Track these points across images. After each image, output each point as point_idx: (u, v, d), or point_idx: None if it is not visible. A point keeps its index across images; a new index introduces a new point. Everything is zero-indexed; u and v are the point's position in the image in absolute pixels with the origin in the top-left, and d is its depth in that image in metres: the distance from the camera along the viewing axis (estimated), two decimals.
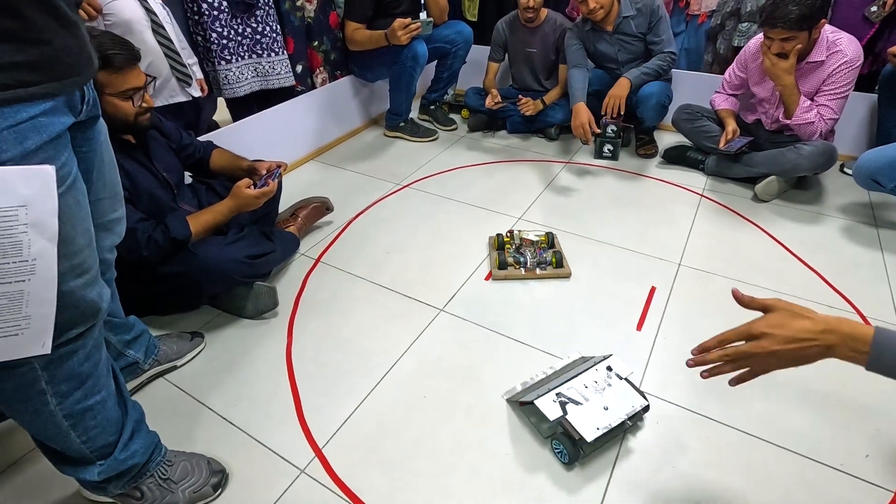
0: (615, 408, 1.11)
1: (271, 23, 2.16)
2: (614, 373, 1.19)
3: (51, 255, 0.67)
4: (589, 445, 1.06)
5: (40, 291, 0.68)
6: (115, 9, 1.61)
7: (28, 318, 0.68)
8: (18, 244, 0.63)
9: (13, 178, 0.61)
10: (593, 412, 1.10)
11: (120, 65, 1.20)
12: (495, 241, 1.76)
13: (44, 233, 0.65)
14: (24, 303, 0.67)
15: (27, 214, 0.63)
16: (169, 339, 1.37)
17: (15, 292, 0.65)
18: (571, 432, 1.06)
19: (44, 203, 0.65)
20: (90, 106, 0.79)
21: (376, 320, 1.50)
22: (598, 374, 1.19)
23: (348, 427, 1.19)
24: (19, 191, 0.62)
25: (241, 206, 1.46)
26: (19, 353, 0.71)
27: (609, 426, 1.07)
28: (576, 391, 1.14)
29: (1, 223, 0.61)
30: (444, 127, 2.76)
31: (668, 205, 2.05)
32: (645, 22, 2.22)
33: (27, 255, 0.64)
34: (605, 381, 1.17)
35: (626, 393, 1.15)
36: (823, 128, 1.87)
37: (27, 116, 0.64)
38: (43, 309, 0.69)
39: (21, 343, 0.70)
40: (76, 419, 0.85)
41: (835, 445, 1.13)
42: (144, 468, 0.98)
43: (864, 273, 1.65)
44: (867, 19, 2.16)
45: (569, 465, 1.10)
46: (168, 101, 1.82)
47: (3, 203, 0.61)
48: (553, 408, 1.10)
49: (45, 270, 0.67)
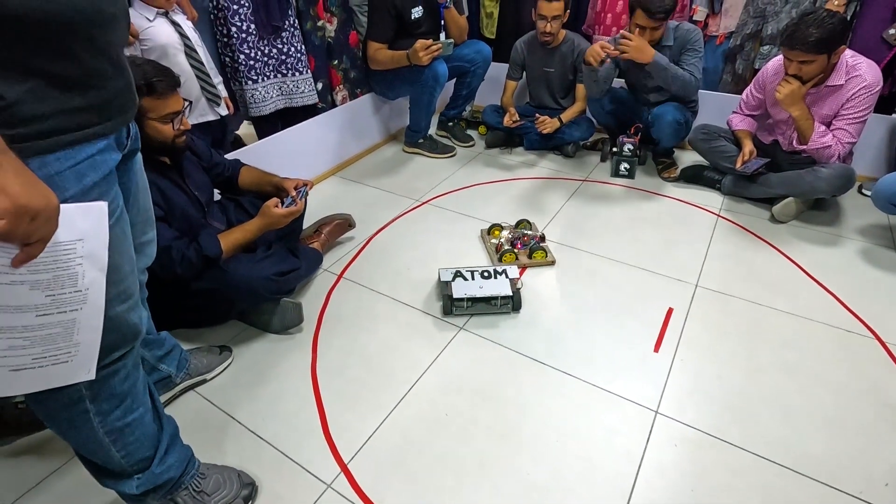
0: (487, 289, 1.59)
1: (296, 43, 2.23)
2: (504, 274, 1.64)
3: (101, 285, 0.71)
4: (454, 302, 1.57)
5: (90, 319, 0.72)
6: (151, 34, 1.68)
7: (77, 345, 0.72)
8: (75, 275, 0.67)
9: (74, 214, 0.66)
10: (470, 287, 1.60)
11: (162, 91, 1.26)
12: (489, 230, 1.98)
13: (96, 263, 0.69)
14: (75, 330, 0.71)
15: (83, 247, 0.67)
16: (199, 353, 1.42)
17: (69, 321, 0.69)
18: (447, 291, 1.59)
19: (98, 236, 0.69)
20: (133, 140, 0.84)
21: (398, 337, 1.54)
22: (497, 274, 1.65)
23: (373, 443, 1.23)
24: (78, 225, 0.66)
25: (270, 224, 1.51)
26: (67, 379, 0.75)
27: (473, 295, 1.57)
28: (470, 275, 1.65)
29: (62, 256, 0.65)
30: (462, 143, 2.81)
31: (685, 225, 2.07)
32: (678, 51, 2.23)
33: (81, 285, 0.68)
34: (495, 276, 1.64)
35: (502, 284, 1.61)
36: (841, 151, 1.89)
37: (85, 156, 0.69)
38: (91, 336, 0.73)
39: (70, 370, 0.74)
40: (116, 435, 0.89)
41: (854, 473, 1.14)
42: (180, 481, 1.02)
43: (883, 297, 1.66)
44: (886, 42, 2.17)
45: (444, 315, 1.59)
46: (198, 119, 1.89)
47: (64, 237, 0.65)
48: (447, 277, 1.64)
49: (95, 299, 0.71)
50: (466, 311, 1.61)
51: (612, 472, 1.15)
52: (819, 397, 1.32)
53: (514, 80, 2.70)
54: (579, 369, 1.41)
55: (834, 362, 1.42)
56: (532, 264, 1.83)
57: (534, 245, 1.85)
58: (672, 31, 2.21)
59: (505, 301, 1.60)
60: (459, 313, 1.61)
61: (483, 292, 1.58)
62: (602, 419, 1.27)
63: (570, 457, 1.18)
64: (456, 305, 1.59)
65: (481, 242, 1.96)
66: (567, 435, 1.23)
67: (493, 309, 1.61)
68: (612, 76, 2.37)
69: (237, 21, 2.03)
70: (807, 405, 1.30)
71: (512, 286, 1.61)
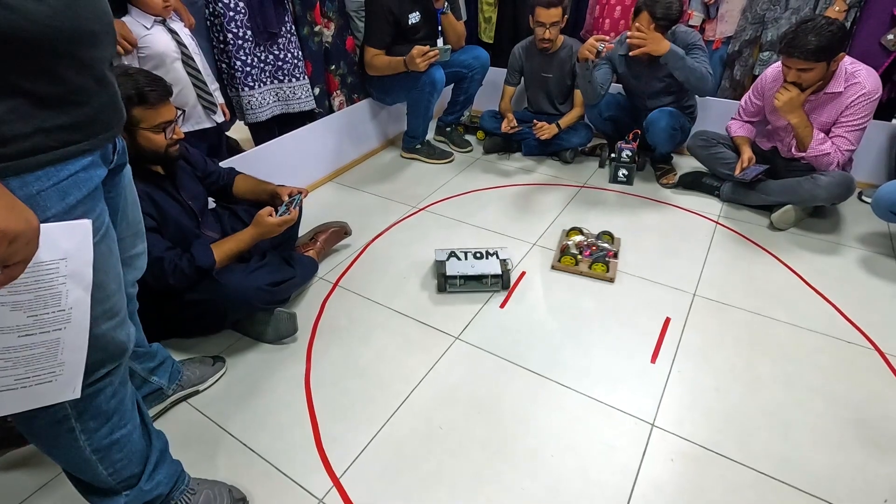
0: (478, 268, 1.70)
1: (293, 49, 2.22)
2: (496, 255, 1.75)
3: (85, 303, 0.70)
4: (448, 279, 1.69)
5: (74, 339, 0.71)
6: (149, 42, 1.67)
7: (62, 364, 0.71)
8: (58, 295, 0.66)
9: (56, 233, 0.65)
10: (463, 266, 1.71)
11: (154, 101, 1.25)
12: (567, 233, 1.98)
13: (80, 282, 0.68)
14: (59, 350, 0.70)
15: (66, 266, 0.66)
16: (192, 364, 1.40)
17: (52, 340, 0.68)
18: (441, 269, 1.71)
19: (82, 255, 0.68)
20: (120, 154, 0.83)
21: (393, 347, 1.52)
22: (488, 255, 1.76)
23: (366, 456, 1.21)
24: (61, 245, 0.65)
25: (264, 233, 1.49)
26: (52, 399, 0.74)
27: (465, 273, 1.68)
28: (464, 255, 1.76)
29: (44, 276, 0.64)
30: (460, 149, 2.80)
31: (683, 232, 2.05)
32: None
33: (64, 304, 0.67)
34: (486, 257, 1.75)
35: (492, 264, 1.72)
36: (840, 158, 1.87)
37: (68, 174, 0.68)
38: (76, 355, 0.72)
39: (55, 389, 0.72)
40: (103, 453, 0.88)
41: (853, 489, 1.12)
42: (169, 497, 1.00)
43: (883, 306, 1.64)
44: (884, 48, 2.16)
45: (438, 292, 1.72)
46: (194, 127, 1.88)
47: (46, 257, 0.64)
48: (442, 257, 1.75)
49: (79, 318, 0.70)
50: (459, 288, 1.71)
51: (609, 487, 1.14)
52: (818, 410, 1.31)
53: (512, 85, 2.69)
54: (575, 381, 1.40)
55: (833, 374, 1.40)
56: (589, 274, 1.79)
57: (599, 256, 1.81)
58: (670, 34, 2.19)
59: (495, 280, 1.70)
60: (452, 290, 1.72)
61: (474, 271, 1.69)
62: (598, 432, 1.26)
63: (566, 471, 1.17)
64: (449, 283, 1.70)
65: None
66: (563, 448, 1.22)
67: (484, 287, 1.71)
68: (609, 81, 2.36)
69: (233, 28, 2.02)
70: (806, 418, 1.28)
71: (502, 266, 1.70)
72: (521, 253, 1.94)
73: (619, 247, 1.91)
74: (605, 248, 1.84)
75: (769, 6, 2.37)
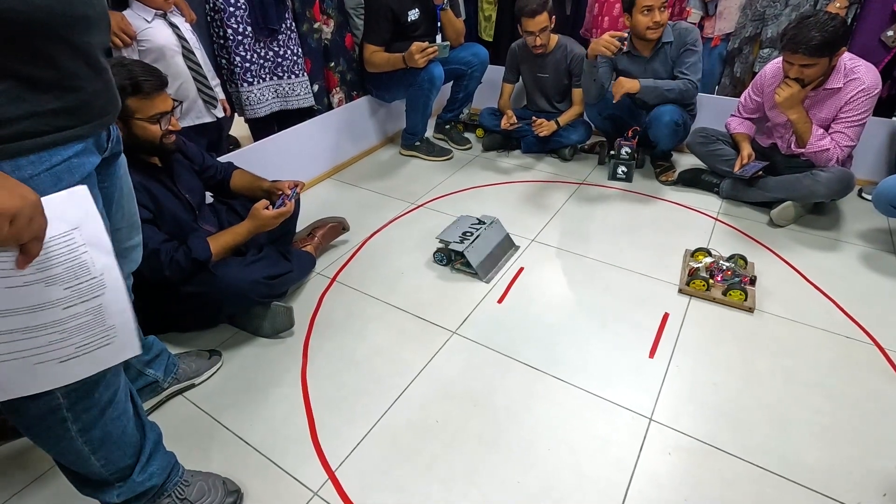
0: None
1: (292, 46, 2.22)
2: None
3: (114, 268, 0.72)
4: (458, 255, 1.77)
5: (115, 302, 0.73)
6: (149, 35, 1.68)
7: (113, 327, 0.73)
8: (85, 264, 0.68)
9: (60, 204, 0.65)
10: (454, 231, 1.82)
11: (149, 91, 1.25)
12: (692, 254, 1.83)
13: (101, 248, 0.70)
14: (105, 315, 0.72)
15: (81, 235, 0.67)
16: (188, 357, 1.40)
17: (96, 307, 0.71)
18: (449, 247, 1.79)
19: (92, 220, 0.69)
20: (114, 143, 0.83)
21: (390, 342, 1.52)
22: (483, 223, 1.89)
23: (361, 449, 1.21)
24: (68, 215, 0.66)
25: (260, 226, 1.49)
26: (118, 358, 0.77)
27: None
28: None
29: (63, 248, 0.66)
30: (459, 146, 2.80)
31: (683, 229, 2.05)
32: (677, 50, 2.21)
33: (95, 272, 0.69)
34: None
35: None
36: (839, 154, 1.87)
37: (61, 159, 0.68)
38: (123, 317, 0.74)
39: (116, 350, 0.75)
40: (96, 444, 0.87)
41: (851, 483, 1.11)
42: (162, 489, 1.00)
43: (883, 302, 1.63)
44: (884, 44, 2.15)
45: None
46: (195, 121, 1.88)
47: (58, 230, 0.65)
48: None
49: (113, 282, 0.72)
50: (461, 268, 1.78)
51: (605, 481, 1.13)
52: (816, 405, 1.30)
53: (511, 83, 2.69)
54: (573, 375, 1.39)
55: (832, 369, 1.39)
56: (725, 302, 1.61)
57: (733, 282, 1.63)
58: (671, 28, 2.19)
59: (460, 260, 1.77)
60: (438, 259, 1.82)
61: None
62: (595, 426, 1.25)
63: (561, 465, 1.16)
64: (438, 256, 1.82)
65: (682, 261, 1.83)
66: (559, 443, 1.21)
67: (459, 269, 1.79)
68: (610, 79, 2.36)
69: (233, 23, 2.02)
70: (804, 413, 1.28)
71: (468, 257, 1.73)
72: (519, 249, 1.93)
73: (753, 272, 1.73)
74: (741, 274, 1.66)
75: (769, 3, 2.36)
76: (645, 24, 2.12)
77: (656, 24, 2.11)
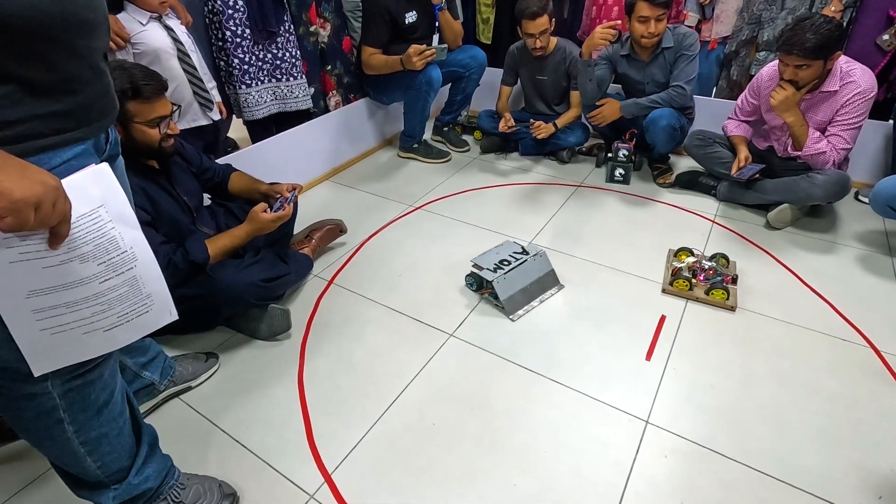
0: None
1: (291, 48, 2.22)
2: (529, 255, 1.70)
3: (143, 241, 0.75)
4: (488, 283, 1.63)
5: (148, 273, 0.77)
6: (144, 38, 1.68)
7: (150, 296, 0.78)
8: (114, 239, 0.71)
9: (83, 183, 0.68)
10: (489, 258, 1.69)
11: (149, 95, 1.25)
12: (674, 253, 1.83)
13: (127, 223, 0.73)
14: (140, 285, 0.76)
15: (107, 212, 0.70)
16: (185, 360, 1.40)
17: (131, 279, 0.75)
18: (479, 273, 1.66)
19: (116, 197, 0.71)
20: (112, 145, 0.83)
21: (387, 344, 1.52)
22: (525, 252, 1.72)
23: (358, 452, 1.21)
24: (92, 193, 0.69)
25: (258, 230, 1.49)
26: (154, 325, 0.82)
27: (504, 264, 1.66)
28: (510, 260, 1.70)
29: (92, 226, 0.68)
30: (457, 148, 2.80)
31: (680, 231, 2.05)
32: (674, 55, 2.22)
33: (125, 246, 0.73)
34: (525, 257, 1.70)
35: None
36: (836, 157, 1.87)
37: (61, 161, 0.68)
38: (157, 285, 0.79)
39: (155, 317, 0.81)
40: (92, 446, 0.87)
41: (847, 485, 1.11)
42: (158, 491, 1.00)
43: (879, 305, 1.64)
44: (879, 48, 2.16)
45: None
46: (190, 124, 1.88)
47: (85, 208, 0.68)
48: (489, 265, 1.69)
49: (144, 254, 0.76)
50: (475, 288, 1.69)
51: (602, 484, 1.13)
52: (813, 407, 1.30)
53: (509, 85, 2.70)
54: (570, 378, 1.39)
55: (829, 372, 1.40)
56: (707, 301, 1.62)
57: (716, 281, 1.64)
58: (671, 32, 2.20)
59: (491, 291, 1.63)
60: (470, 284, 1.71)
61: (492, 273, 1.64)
62: (592, 429, 1.25)
63: (559, 468, 1.16)
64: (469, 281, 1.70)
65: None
66: (556, 445, 1.21)
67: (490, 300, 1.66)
68: (608, 81, 2.37)
69: (232, 26, 2.03)
70: (801, 415, 1.28)
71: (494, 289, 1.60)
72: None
73: (734, 270, 1.74)
74: (723, 273, 1.66)
75: (766, 6, 2.37)
76: (640, 32, 2.15)
77: (651, 34, 2.14)
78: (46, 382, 0.77)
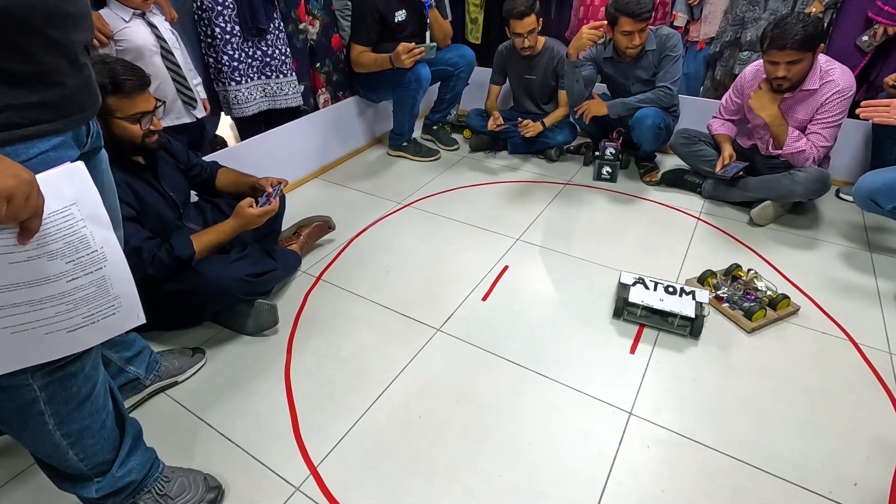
0: (668, 303, 1.49)
1: (280, 45, 2.22)
2: (692, 296, 1.51)
3: (114, 241, 0.74)
4: (628, 305, 1.53)
5: (117, 274, 0.75)
6: (127, 35, 1.67)
7: (117, 297, 0.77)
8: (85, 238, 0.70)
9: (56, 181, 0.67)
10: (649, 296, 1.52)
11: (130, 90, 1.25)
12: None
13: (99, 223, 0.72)
14: (109, 286, 0.75)
15: (79, 210, 0.69)
16: (171, 355, 1.40)
17: (99, 279, 0.73)
18: (624, 293, 1.54)
19: (89, 197, 0.71)
20: (94, 138, 0.83)
21: (374, 339, 1.52)
22: (683, 292, 1.53)
23: (344, 445, 1.21)
24: (65, 191, 0.68)
25: (244, 224, 1.49)
26: (120, 328, 0.80)
27: (650, 305, 1.50)
28: (654, 285, 1.56)
29: (62, 224, 0.68)
30: (447, 147, 2.81)
31: (665, 228, 2.08)
32: (658, 56, 2.25)
33: (95, 245, 0.72)
34: (680, 294, 1.52)
35: (686, 304, 1.48)
36: (816, 155, 1.91)
37: (38, 152, 0.68)
38: (125, 287, 0.77)
39: (121, 319, 0.79)
40: (74, 438, 0.87)
41: (824, 473, 1.14)
42: (142, 484, 1.00)
43: (858, 299, 1.67)
44: (860, 49, 2.21)
45: (614, 317, 1.58)
46: (174, 122, 1.87)
47: (57, 205, 0.67)
48: (628, 280, 1.58)
49: (114, 255, 0.74)
50: (638, 318, 1.54)
51: (585, 474, 1.14)
52: (792, 399, 1.32)
53: (498, 84, 2.71)
54: (554, 371, 1.40)
55: (808, 364, 1.42)
56: (781, 317, 1.55)
57: (751, 308, 1.53)
58: (653, 35, 2.23)
59: (683, 323, 1.48)
60: (630, 320, 1.55)
61: (662, 305, 1.48)
62: (576, 421, 1.27)
63: (543, 459, 1.18)
64: (629, 310, 1.54)
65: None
66: (541, 437, 1.23)
67: (668, 326, 1.50)
68: (594, 81, 2.39)
69: (221, 22, 2.02)
70: (780, 407, 1.30)
71: (696, 310, 1.46)
72: (504, 247, 1.95)
73: (772, 286, 1.65)
74: (761, 290, 1.62)
75: (748, 7, 2.41)
76: (624, 44, 2.20)
77: (635, 46, 2.19)
78: (26, 374, 0.77)
